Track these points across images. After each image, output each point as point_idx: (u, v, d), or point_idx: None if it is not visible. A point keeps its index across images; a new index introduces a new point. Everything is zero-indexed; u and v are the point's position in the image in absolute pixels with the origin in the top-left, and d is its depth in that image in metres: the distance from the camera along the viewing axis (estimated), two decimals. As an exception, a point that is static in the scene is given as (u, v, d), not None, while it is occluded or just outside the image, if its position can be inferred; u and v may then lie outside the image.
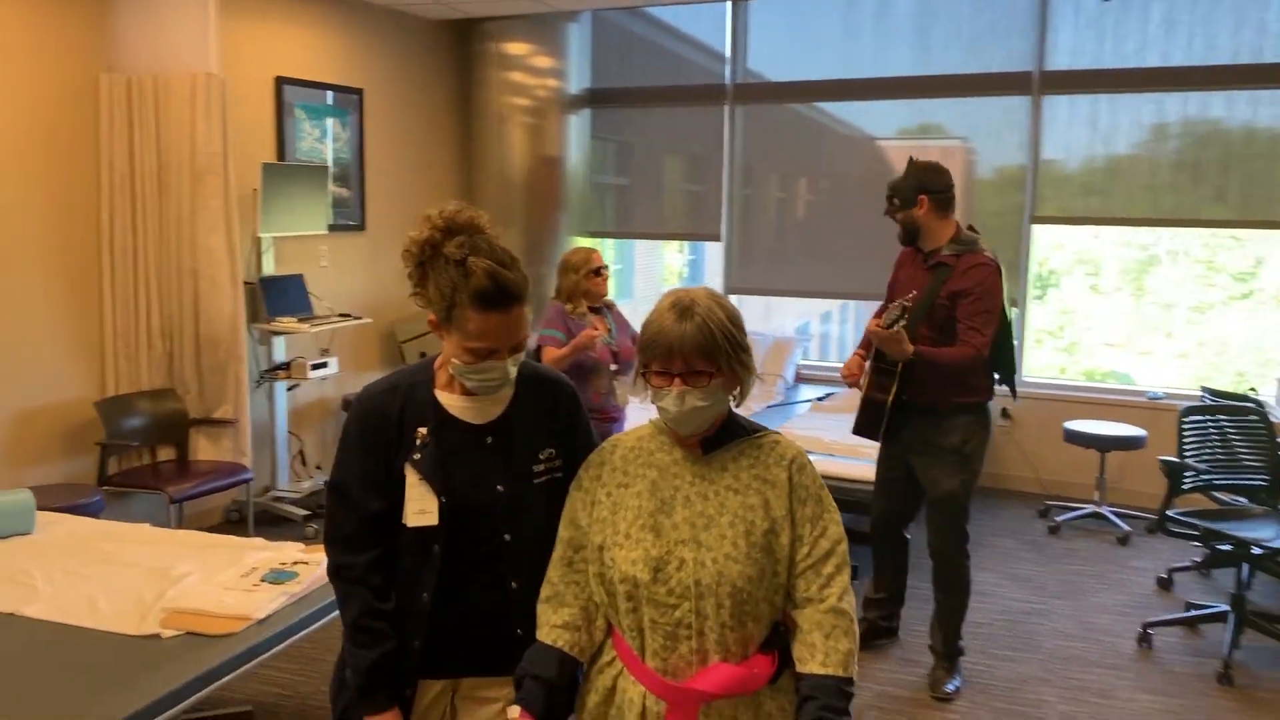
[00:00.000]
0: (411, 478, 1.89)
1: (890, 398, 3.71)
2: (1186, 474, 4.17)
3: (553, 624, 1.83)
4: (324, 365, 5.64)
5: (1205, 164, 5.97)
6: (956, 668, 3.85)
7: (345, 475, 1.92)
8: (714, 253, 13.24)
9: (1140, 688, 3.86)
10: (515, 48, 6.87)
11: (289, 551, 3.39)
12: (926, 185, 3.65)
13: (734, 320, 1.77)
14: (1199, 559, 5.01)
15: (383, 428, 1.90)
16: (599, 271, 4.09)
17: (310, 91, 5.96)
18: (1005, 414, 6.41)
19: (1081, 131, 6.23)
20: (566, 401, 2.03)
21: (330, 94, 6.11)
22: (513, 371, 1.88)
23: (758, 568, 1.73)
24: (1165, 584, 4.88)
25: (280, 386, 5.69)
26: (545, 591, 1.87)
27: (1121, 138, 6.13)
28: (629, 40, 7.29)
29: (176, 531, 3.76)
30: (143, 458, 5.02)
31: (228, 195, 4.94)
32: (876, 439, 3.85)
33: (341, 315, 5.91)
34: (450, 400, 1.93)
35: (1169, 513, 4.11)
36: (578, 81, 7.11)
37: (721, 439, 1.82)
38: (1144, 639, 4.25)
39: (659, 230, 7.52)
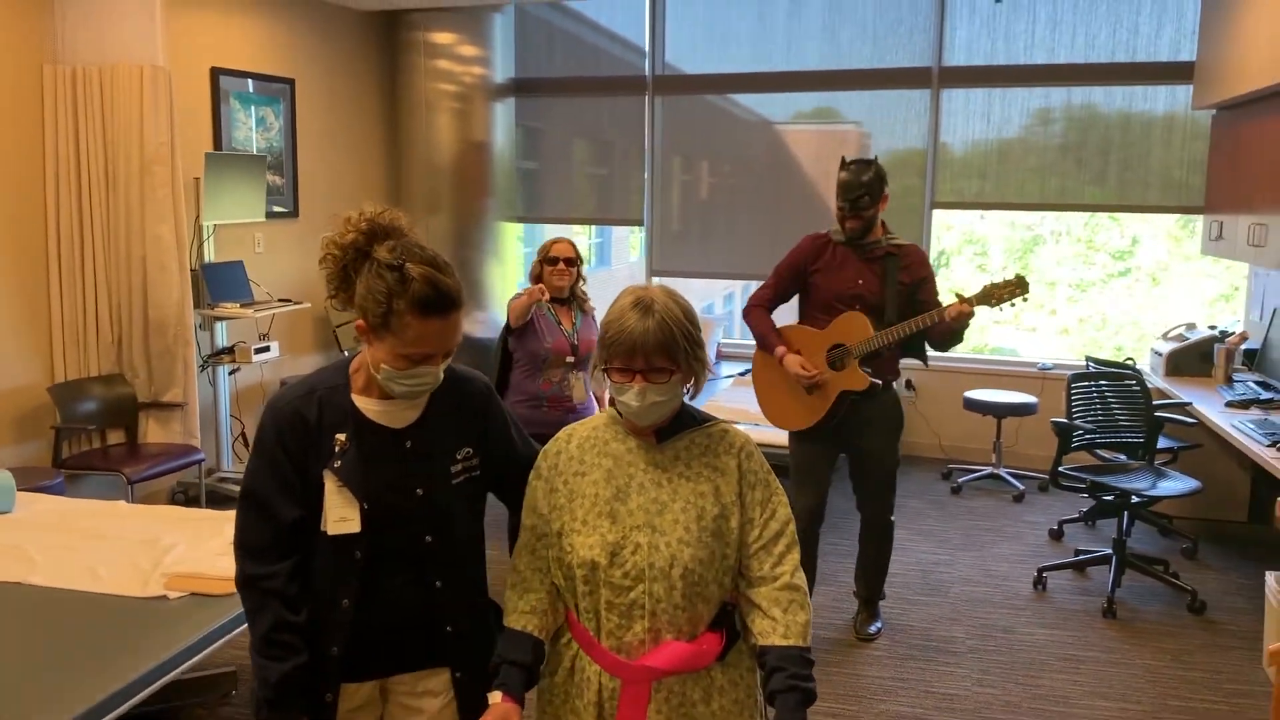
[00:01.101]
0: (331, 485, 1.86)
1: (881, 380, 3.87)
2: (1075, 433, 4.66)
3: (520, 610, 1.90)
4: (266, 349, 5.80)
5: (1086, 152, 6.52)
6: (877, 612, 4.28)
7: (259, 483, 1.88)
8: (619, 236, 13.59)
9: (1037, 623, 4.34)
10: (441, 37, 7.06)
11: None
12: (885, 180, 3.85)
13: (690, 318, 1.86)
14: (1085, 510, 5.55)
15: (300, 434, 1.87)
16: (554, 261, 3.98)
17: (244, 81, 6.08)
18: (910, 385, 6.90)
19: (976, 123, 6.73)
20: (479, 399, 2.03)
21: (263, 84, 6.24)
22: (441, 376, 1.87)
23: (708, 551, 1.83)
24: (1056, 535, 5.41)
25: (222, 371, 5.84)
26: (512, 579, 1.94)
27: (1012, 128, 6.65)
28: (551, 32, 7.54)
29: (152, 507, 3.95)
30: (93, 441, 5.13)
31: (175, 184, 5.07)
32: (823, 428, 3.91)
33: (281, 300, 6.08)
34: (368, 405, 1.91)
35: (1060, 468, 4.61)
36: (503, 71, 7.34)
37: (674, 429, 1.91)
38: (1039, 582, 4.75)
39: (583, 215, 7.80)
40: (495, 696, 1.83)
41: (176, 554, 3.29)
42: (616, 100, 7.43)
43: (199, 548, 3.35)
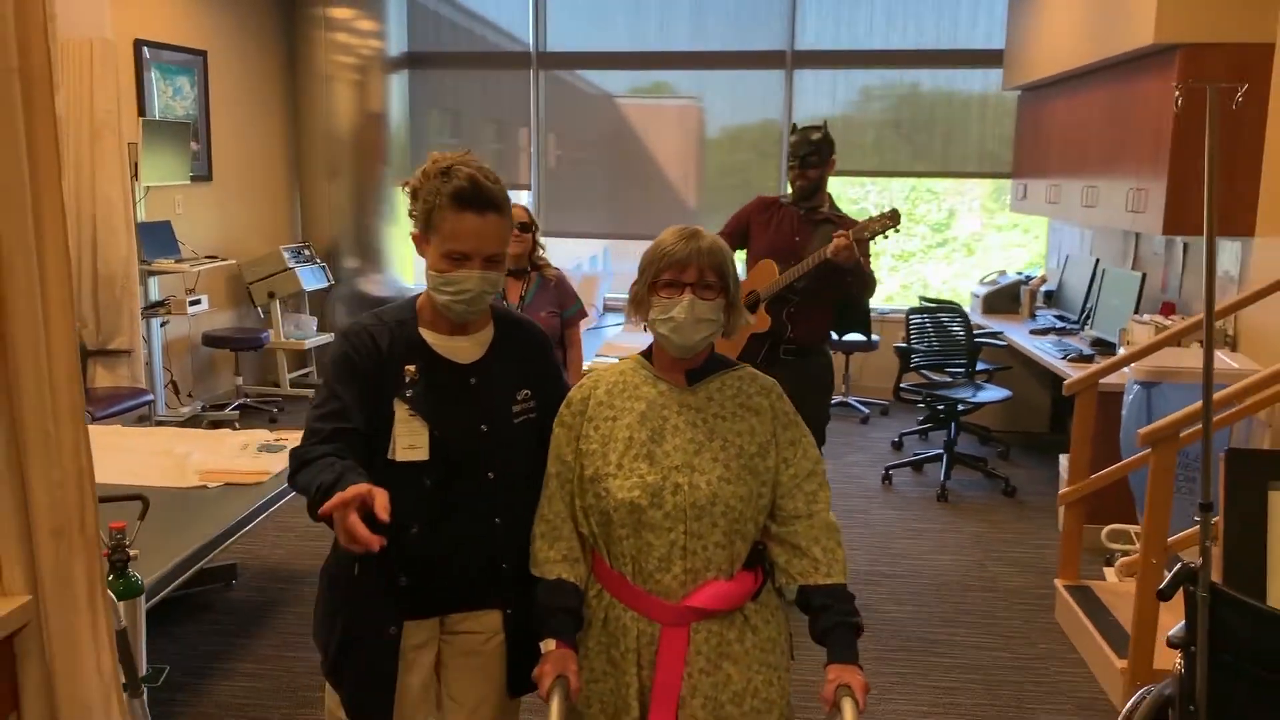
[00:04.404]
0: (401, 412, 1.90)
1: (787, 329, 3.93)
2: (913, 356, 5.70)
3: (552, 559, 1.91)
4: (198, 302, 6.29)
5: (915, 126, 7.61)
6: None
7: (334, 393, 1.91)
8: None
9: (886, 507, 5.37)
10: (340, 12, 7.58)
11: (259, 435, 4.24)
12: (833, 145, 4.01)
13: (731, 253, 1.91)
14: (920, 422, 6.64)
15: (373, 356, 1.92)
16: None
17: (162, 52, 6.50)
18: (771, 329, 7.89)
19: (823, 101, 7.72)
20: (536, 345, 2.09)
21: (179, 55, 6.65)
22: (486, 288, 1.89)
23: (747, 488, 1.84)
24: (897, 445, 6.49)
25: (155, 322, 6.29)
26: (539, 528, 1.94)
27: (854, 105, 7.67)
28: (440, 9, 8.14)
29: (146, 429, 4.49)
30: (45, 386, 5.54)
31: (121, 149, 5.53)
32: None
33: (209, 257, 6.55)
34: (435, 339, 1.96)
35: (901, 385, 5.64)
36: (396, 45, 7.91)
37: (704, 372, 1.94)
38: (885, 478, 5.79)
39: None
40: (549, 644, 1.84)
41: (196, 458, 3.89)
42: (503, 74, 8.12)
43: (214, 453, 3.95)
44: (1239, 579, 2.72)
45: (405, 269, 8.11)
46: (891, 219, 3.77)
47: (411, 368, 1.92)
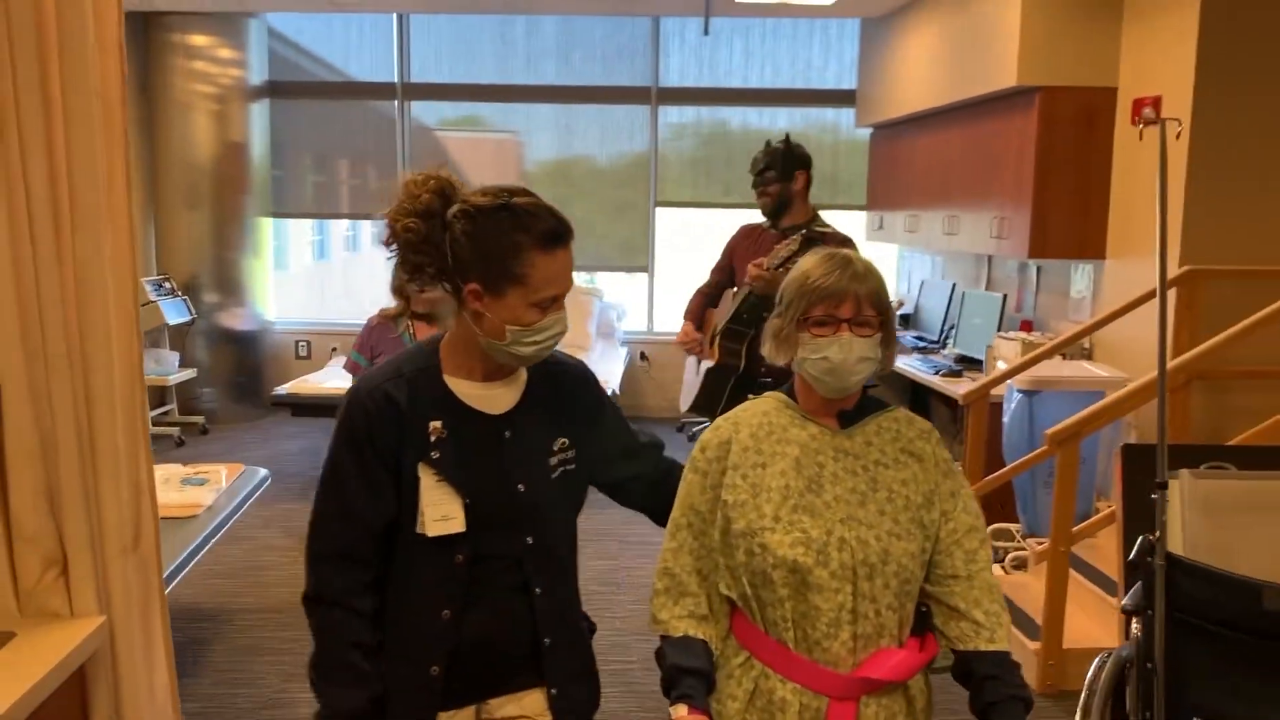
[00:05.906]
0: (428, 480, 1.67)
1: (741, 363, 3.72)
2: (797, 376, 6.03)
3: (678, 615, 1.73)
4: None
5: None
6: None
7: (343, 481, 1.69)
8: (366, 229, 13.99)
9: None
10: (197, 39, 7.39)
11: (174, 469, 4.11)
12: (805, 162, 3.83)
13: (883, 280, 1.73)
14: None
15: (392, 422, 1.67)
16: None
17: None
18: (643, 356, 8.12)
19: (689, 136, 8.05)
20: (575, 383, 1.86)
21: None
22: (568, 324, 1.71)
23: (917, 544, 1.68)
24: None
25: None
26: (661, 582, 1.76)
27: (717, 141, 8.04)
28: (302, 39, 8.05)
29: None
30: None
31: None
32: (713, 415, 3.76)
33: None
34: (464, 389, 1.72)
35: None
36: (258, 74, 7.76)
37: (858, 414, 1.76)
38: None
39: (339, 211, 8.37)
40: (680, 710, 1.66)
41: (117, 494, 3.75)
42: (368, 104, 8.09)
43: (134, 489, 3.82)
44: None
45: (267, 303, 7.92)
46: (794, 250, 3.61)
47: (437, 424, 1.68)
